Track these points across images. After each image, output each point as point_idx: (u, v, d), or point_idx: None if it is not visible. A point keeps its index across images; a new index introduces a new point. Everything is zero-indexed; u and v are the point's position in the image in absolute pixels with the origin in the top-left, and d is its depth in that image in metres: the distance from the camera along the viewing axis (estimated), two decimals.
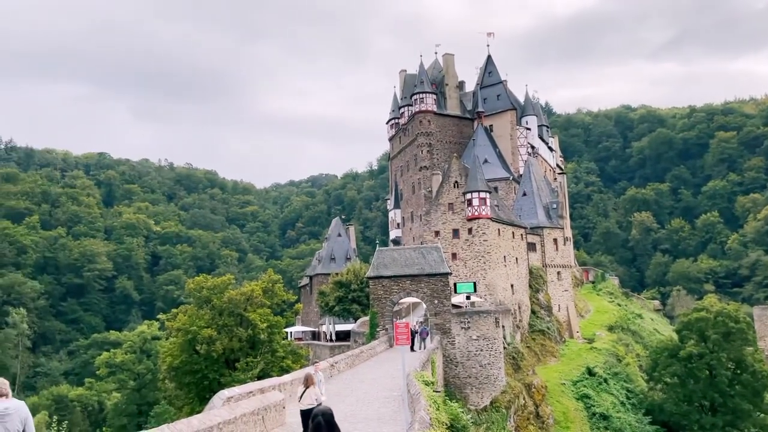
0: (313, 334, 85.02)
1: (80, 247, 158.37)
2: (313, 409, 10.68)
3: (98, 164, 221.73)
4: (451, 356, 48.26)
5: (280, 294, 47.81)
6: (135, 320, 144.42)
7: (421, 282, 47.92)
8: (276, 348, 43.82)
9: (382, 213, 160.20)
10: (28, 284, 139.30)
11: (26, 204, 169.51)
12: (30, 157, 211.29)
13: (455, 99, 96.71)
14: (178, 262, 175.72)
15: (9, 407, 8.08)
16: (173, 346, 44.10)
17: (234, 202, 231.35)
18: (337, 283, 70.26)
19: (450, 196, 69.56)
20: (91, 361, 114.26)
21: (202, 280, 46.83)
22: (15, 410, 8.10)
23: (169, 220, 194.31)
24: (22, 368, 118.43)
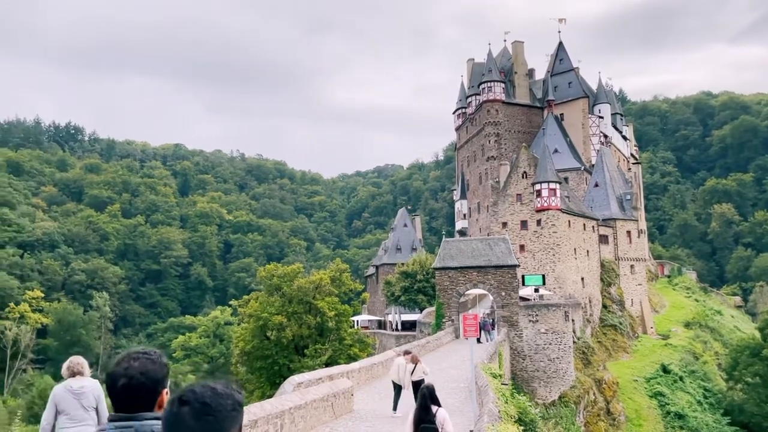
0: (379, 323, 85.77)
1: (158, 234, 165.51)
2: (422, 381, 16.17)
3: (174, 155, 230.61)
4: (519, 349, 47.62)
5: (347, 283, 48.46)
6: (208, 306, 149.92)
7: (488, 273, 47.43)
8: (343, 336, 44.50)
9: (447, 204, 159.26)
10: (110, 269, 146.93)
11: (108, 193, 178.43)
12: (111, 149, 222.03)
13: (524, 87, 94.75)
14: (249, 250, 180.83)
15: (84, 385, 8.53)
16: (245, 331, 45.51)
17: (302, 192, 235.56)
18: (402, 273, 70.53)
19: (518, 187, 68.38)
20: (167, 344, 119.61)
21: (273, 268, 48.03)
22: (90, 388, 8.55)
23: (240, 210, 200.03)
24: (104, 349, 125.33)
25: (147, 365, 2.69)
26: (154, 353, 2.82)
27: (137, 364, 2.68)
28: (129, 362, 2.69)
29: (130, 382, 2.61)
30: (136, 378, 2.62)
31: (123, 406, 2.60)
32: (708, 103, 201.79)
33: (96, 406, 8.52)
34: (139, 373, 2.64)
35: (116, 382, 2.64)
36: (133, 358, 2.73)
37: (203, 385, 2.31)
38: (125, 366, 2.68)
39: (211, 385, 2.32)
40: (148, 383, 2.62)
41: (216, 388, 2.33)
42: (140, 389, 2.61)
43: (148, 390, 2.63)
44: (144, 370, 2.67)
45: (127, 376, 2.63)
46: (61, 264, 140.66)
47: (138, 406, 2.59)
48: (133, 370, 2.65)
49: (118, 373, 2.68)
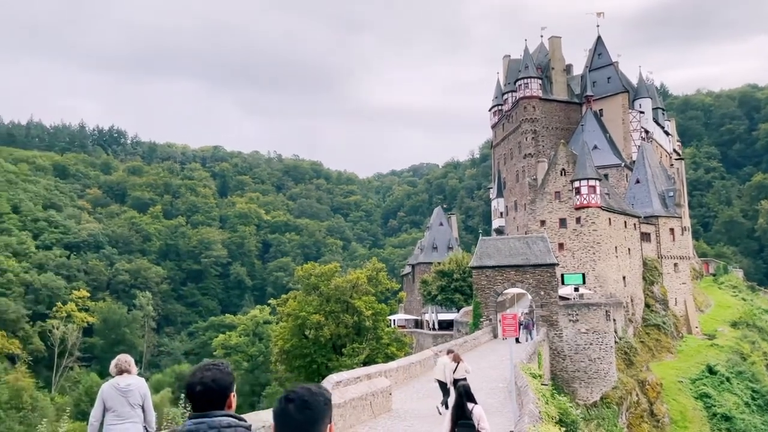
0: (415, 323, 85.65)
1: (198, 235, 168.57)
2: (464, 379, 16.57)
3: (213, 157, 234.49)
4: (559, 349, 46.96)
5: (383, 282, 48.56)
6: (248, 305, 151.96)
7: (526, 272, 46.89)
8: (381, 335, 44.61)
9: (484, 202, 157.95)
10: (152, 269, 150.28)
11: (150, 195, 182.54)
12: (153, 151, 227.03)
13: (562, 83, 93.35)
14: (287, 250, 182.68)
15: (131, 383, 8.73)
16: (284, 330, 46.01)
17: (338, 191, 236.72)
18: (439, 272, 70.27)
19: (557, 185, 67.41)
20: (208, 342, 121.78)
21: (310, 267, 48.45)
22: (136, 386, 8.75)
23: (278, 210, 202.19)
24: (148, 347, 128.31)
25: (217, 375, 3.33)
26: (222, 364, 3.45)
27: (209, 374, 3.31)
28: (203, 372, 3.33)
29: (204, 388, 3.26)
30: (209, 385, 3.26)
31: (199, 406, 3.27)
32: (754, 95, 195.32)
33: (142, 404, 8.70)
34: (212, 381, 3.28)
35: (194, 388, 3.29)
36: (207, 369, 3.37)
37: (302, 386, 2.99)
38: (200, 376, 3.31)
39: (307, 386, 2.99)
40: (219, 389, 3.27)
41: (311, 388, 3.00)
42: (212, 394, 3.27)
43: (218, 394, 3.28)
44: (215, 378, 3.31)
45: (202, 383, 3.27)
46: (106, 264, 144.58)
47: (211, 406, 3.24)
48: (207, 379, 3.29)
49: (195, 381, 3.31)
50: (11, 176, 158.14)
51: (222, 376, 3.35)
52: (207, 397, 3.28)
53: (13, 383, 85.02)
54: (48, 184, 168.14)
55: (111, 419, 8.57)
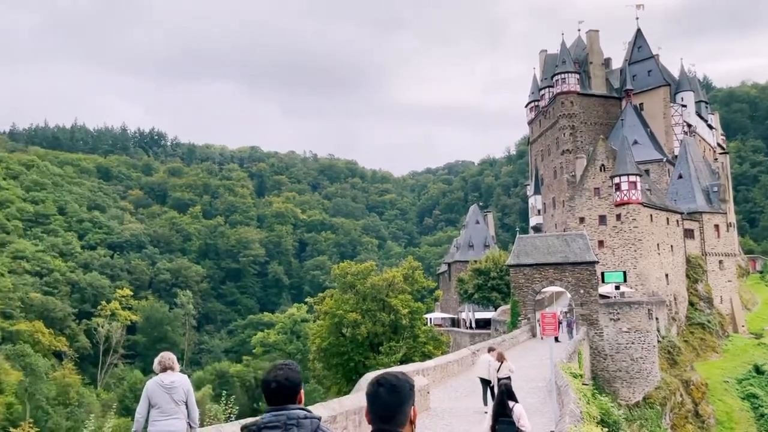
0: (452, 321, 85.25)
1: (236, 234, 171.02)
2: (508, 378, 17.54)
3: (250, 157, 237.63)
4: (599, 348, 46.14)
5: (419, 281, 48.47)
6: (285, 303, 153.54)
7: (565, 271, 46.19)
8: (417, 333, 44.53)
9: (521, 199, 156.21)
10: (192, 268, 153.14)
11: (190, 195, 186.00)
12: (192, 153, 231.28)
13: (600, 78, 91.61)
14: (323, 249, 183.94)
15: (175, 380, 8.87)
16: (321, 328, 46.32)
17: (373, 190, 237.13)
18: (475, 270, 69.79)
19: (596, 181, 66.24)
20: (247, 340, 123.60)
21: (347, 266, 48.65)
22: (180, 383, 8.89)
23: (314, 209, 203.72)
24: (189, 345, 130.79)
25: (288, 373, 3.79)
26: (292, 364, 3.93)
27: (282, 372, 3.78)
28: (277, 371, 3.81)
29: (278, 385, 3.73)
30: (283, 382, 3.73)
31: (275, 401, 3.73)
32: None
33: (186, 401, 8.84)
34: (285, 379, 3.75)
35: (270, 385, 3.76)
36: (279, 368, 3.84)
37: (390, 373, 3.47)
38: (274, 374, 3.78)
39: (395, 373, 3.46)
40: (291, 386, 3.74)
41: (398, 375, 3.45)
42: (286, 390, 3.73)
43: (290, 390, 3.75)
44: (287, 376, 3.77)
45: (276, 381, 3.75)
46: (148, 264, 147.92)
47: (285, 401, 3.71)
48: (280, 377, 3.76)
49: (270, 378, 3.79)
50: (57, 179, 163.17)
51: (293, 374, 3.82)
52: (281, 393, 3.74)
53: (60, 380, 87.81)
54: (92, 185, 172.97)
55: (156, 415, 8.74)
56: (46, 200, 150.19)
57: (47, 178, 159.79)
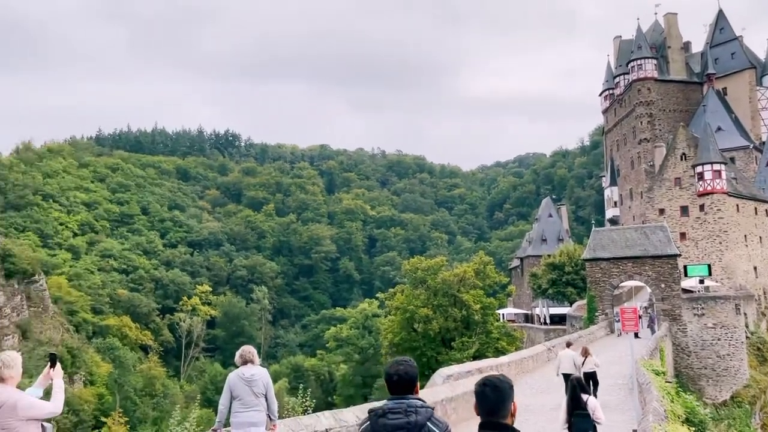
0: (525, 317, 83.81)
1: (308, 231, 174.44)
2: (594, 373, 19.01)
3: (320, 155, 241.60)
4: (683, 345, 44.18)
5: (491, 276, 47.86)
6: (356, 298, 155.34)
7: (644, 264, 44.47)
8: (490, 329, 44.05)
9: (596, 191, 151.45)
10: (267, 265, 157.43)
11: (263, 194, 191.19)
12: (265, 152, 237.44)
13: (679, 62, 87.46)
14: (393, 244, 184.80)
15: (255, 373, 9.02)
16: (392, 323, 46.58)
17: (442, 185, 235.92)
18: (549, 265, 68.26)
19: (676, 170, 63.40)
20: (321, 335, 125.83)
21: (417, 261, 48.68)
22: (259, 376, 9.05)
23: (383, 205, 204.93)
24: (265, 339, 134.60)
25: (407, 368, 4.33)
26: (410, 360, 4.47)
27: (402, 367, 4.32)
28: (397, 366, 4.34)
29: (399, 377, 4.27)
30: (402, 376, 4.27)
31: (396, 391, 4.28)
32: None
33: (265, 393, 9.09)
34: (404, 373, 4.28)
35: (392, 377, 4.30)
36: (399, 363, 4.37)
37: (494, 375, 4.12)
38: (395, 369, 4.32)
39: (497, 375, 4.10)
40: (409, 379, 4.29)
41: (499, 377, 4.07)
42: (405, 382, 4.26)
43: (409, 383, 4.29)
44: (406, 371, 4.31)
45: (397, 374, 4.28)
46: (226, 261, 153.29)
47: (405, 391, 4.25)
48: (401, 371, 4.29)
49: (392, 372, 4.32)
50: (140, 180, 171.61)
51: (411, 369, 4.35)
52: (401, 384, 4.27)
53: (146, 372, 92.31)
54: (172, 186, 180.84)
55: (237, 407, 9.01)
56: (130, 201, 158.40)
57: (131, 180, 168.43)
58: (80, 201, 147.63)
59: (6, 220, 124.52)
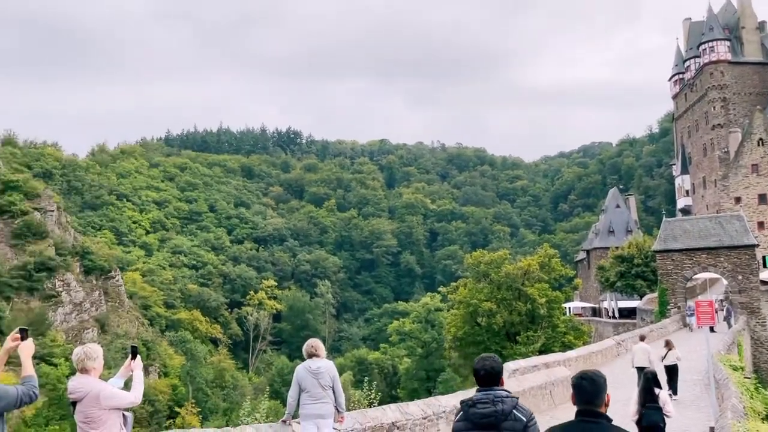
0: (593, 311, 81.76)
1: (369, 226, 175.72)
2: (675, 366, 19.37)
3: (380, 150, 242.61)
4: (762, 339, 42.03)
5: (557, 269, 46.81)
6: (419, 292, 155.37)
7: (719, 255, 42.50)
8: (556, 323, 43.17)
9: (666, 180, 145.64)
10: (330, 259, 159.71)
11: (325, 190, 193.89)
12: (325, 149, 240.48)
13: (755, 43, 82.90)
14: (454, 238, 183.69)
15: (321, 366, 9.15)
16: (455, 317, 46.32)
17: (503, 177, 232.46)
18: (617, 257, 66.20)
19: (753, 156, 60.29)
20: (383, 328, 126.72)
21: (479, 255, 48.19)
22: (326, 369, 9.17)
23: (443, 198, 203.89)
24: (329, 332, 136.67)
25: (493, 363, 4.98)
26: (495, 357, 5.11)
27: (488, 362, 4.96)
28: (484, 362, 4.97)
29: (486, 372, 4.90)
30: (489, 370, 4.91)
31: (484, 383, 4.91)
32: None
33: (332, 385, 9.23)
34: (491, 368, 4.91)
35: (480, 372, 4.94)
36: (486, 359, 5.01)
37: (590, 370, 4.61)
38: (482, 364, 4.96)
39: (593, 370, 4.60)
40: (495, 373, 4.93)
41: (595, 372, 4.59)
42: (491, 376, 4.90)
43: (495, 376, 4.93)
44: (492, 366, 4.95)
45: (484, 369, 4.92)
46: (290, 256, 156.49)
47: (491, 384, 4.89)
48: (488, 366, 4.93)
49: (479, 367, 4.96)
50: (207, 179, 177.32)
51: (496, 364, 5.00)
52: (488, 378, 4.90)
53: (216, 364, 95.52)
54: (237, 184, 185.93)
55: (305, 399, 9.20)
56: (198, 199, 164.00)
57: (198, 179, 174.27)
58: (151, 200, 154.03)
59: (84, 219, 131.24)
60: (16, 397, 5.03)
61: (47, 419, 55.07)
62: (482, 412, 4.76)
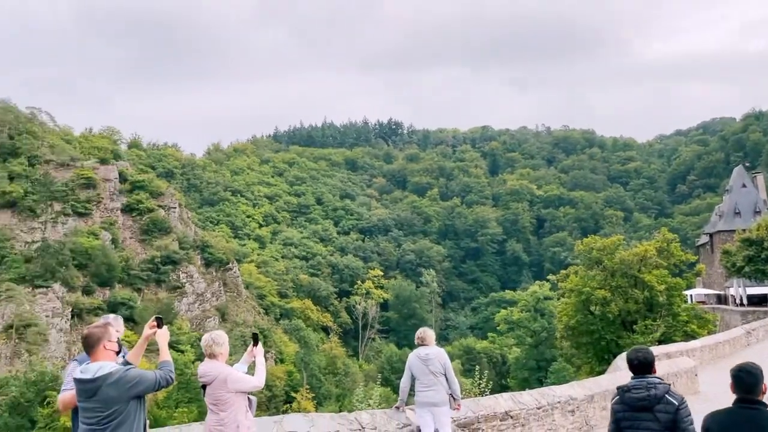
0: (718, 298, 76.50)
1: (473, 214, 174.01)
2: None
3: (482, 137, 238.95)
4: None
5: (676, 254, 43.98)
6: (526, 280, 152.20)
7: None
8: (677, 311, 40.67)
9: None
10: (434, 248, 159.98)
11: (427, 179, 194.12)
12: (427, 138, 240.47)
13: None
14: (562, 224, 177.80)
15: (430, 353, 9.23)
16: (567, 306, 44.86)
17: (614, 159, 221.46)
18: (745, 240, 61.20)
19: None
20: (491, 317, 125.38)
21: (591, 241, 46.28)
22: (435, 356, 9.23)
23: (550, 184, 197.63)
24: (435, 321, 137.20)
25: (645, 354, 5.65)
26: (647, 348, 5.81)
27: (641, 354, 5.65)
28: (637, 353, 5.67)
29: (639, 361, 5.58)
30: (642, 360, 5.58)
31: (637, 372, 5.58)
32: None
33: (444, 373, 9.27)
34: (643, 358, 5.59)
35: (633, 362, 5.63)
36: (638, 351, 5.71)
37: (747, 363, 5.07)
38: (635, 355, 5.66)
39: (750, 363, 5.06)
40: (647, 362, 5.56)
41: (752, 364, 5.04)
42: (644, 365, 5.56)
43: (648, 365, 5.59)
44: (645, 356, 5.62)
45: (637, 359, 5.61)
46: (394, 245, 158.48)
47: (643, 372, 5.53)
48: (640, 357, 5.61)
49: (633, 357, 5.66)
50: (314, 172, 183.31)
51: (648, 354, 5.61)
52: (641, 367, 5.56)
53: (328, 351, 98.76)
54: (342, 176, 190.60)
55: (418, 386, 9.35)
56: (306, 192, 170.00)
57: (305, 173, 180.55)
58: (263, 194, 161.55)
59: (203, 215, 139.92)
60: (155, 380, 5.38)
61: (176, 402, 59.44)
62: (637, 396, 5.38)
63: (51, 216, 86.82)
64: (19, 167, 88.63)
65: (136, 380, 5.22)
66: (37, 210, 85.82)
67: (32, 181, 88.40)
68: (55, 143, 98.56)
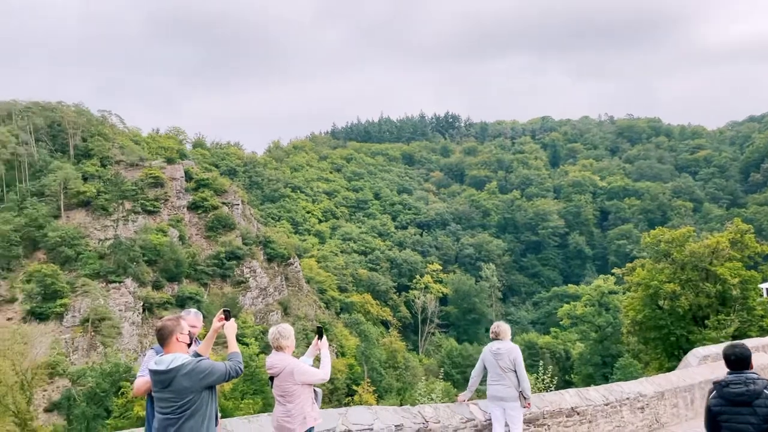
0: None
1: (533, 207, 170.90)
2: None
3: (542, 128, 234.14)
4: None
5: (751, 246, 41.92)
6: (590, 274, 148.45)
7: None
8: (752, 305, 38.80)
9: None
10: (493, 242, 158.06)
11: (485, 172, 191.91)
12: (484, 131, 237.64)
13: None
14: (627, 216, 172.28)
15: (500, 348, 9.31)
16: (633, 300, 43.49)
17: (682, 148, 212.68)
18: None
19: None
20: (553, 312, 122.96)
21: (659, 233, 44.62)
22: (505, 351, 9.26)
23: (614, 175, 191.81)
24: (496, 316, 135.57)
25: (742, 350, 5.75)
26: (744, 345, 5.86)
27: (737, 350, 5.76)
28: (734, 349, 5.78)
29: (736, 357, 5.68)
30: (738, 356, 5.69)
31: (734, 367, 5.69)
32: None
33: (514, 369, 9.22)
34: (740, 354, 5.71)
35: (730, 357, 5.75)
36: (735, 347, 5.81)
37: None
38: (732, 350, 5.78)
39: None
40: (743, 358, 5.63)
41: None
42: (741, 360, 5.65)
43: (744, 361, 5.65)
44: (741, 352, 5.73)
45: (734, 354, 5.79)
46: (453, 240, 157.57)
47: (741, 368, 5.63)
48: (737, 352, 5.72)
49: (730, 353, 5.78)
50: (371, 168, 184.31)
51: (745, 351, 5.71)
52: (738, 363, 5.68)
53: (388, 345, 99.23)
54: (399, 171, 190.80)
55: (489, 379, 9.51)
56: (364, 188, 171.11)
57: (363, 168, 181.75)
58: (322, 190, 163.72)
59: (264, 211, 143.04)
60: (225, 371, 5.54)
61: (242, 393, 61.15)
62: (735, 392, 5.50)
63: (122, 214, 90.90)
64: (92, 168, 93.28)
65: (208, 371, 5.39)
66: (110, 208, 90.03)
67: (104, 180, 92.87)
68: (125, 144, 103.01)
